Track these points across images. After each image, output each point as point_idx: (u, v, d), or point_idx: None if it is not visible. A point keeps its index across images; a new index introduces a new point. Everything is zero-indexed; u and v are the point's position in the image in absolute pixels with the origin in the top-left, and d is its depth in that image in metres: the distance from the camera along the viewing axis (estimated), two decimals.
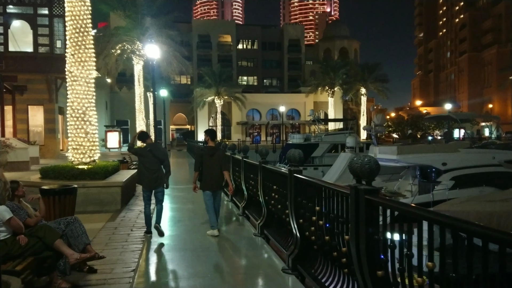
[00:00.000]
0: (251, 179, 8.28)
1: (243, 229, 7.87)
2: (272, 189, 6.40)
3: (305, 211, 4.77)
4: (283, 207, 5.85)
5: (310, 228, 4.61)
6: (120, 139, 46.33)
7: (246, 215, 8.72)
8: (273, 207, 6.52)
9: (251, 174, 8.28)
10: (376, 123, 20.03)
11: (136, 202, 10.83)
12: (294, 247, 5.10)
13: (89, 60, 10.96)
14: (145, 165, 7.31)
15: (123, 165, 15.36)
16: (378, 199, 3.11)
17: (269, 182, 6.72)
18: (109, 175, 10.56)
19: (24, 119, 30.35)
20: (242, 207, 8.97)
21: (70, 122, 10.96)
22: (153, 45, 20.20)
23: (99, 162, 11.41)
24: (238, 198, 10.10)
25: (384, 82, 54.68)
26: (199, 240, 6.89)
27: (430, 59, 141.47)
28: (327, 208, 4.13)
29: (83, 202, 9.57)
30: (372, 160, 3.25)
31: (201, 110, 58.20)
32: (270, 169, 6.65)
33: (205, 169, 7.39)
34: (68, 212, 6.41)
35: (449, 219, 2.40)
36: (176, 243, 6.87)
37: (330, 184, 4.12)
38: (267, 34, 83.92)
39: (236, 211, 9.37)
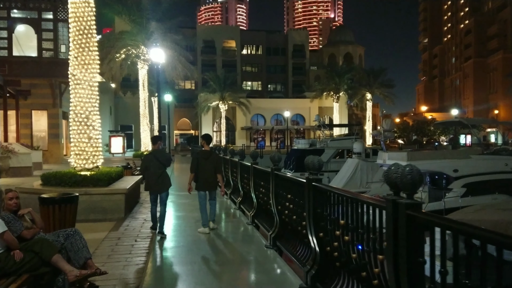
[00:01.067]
0: (262, 186, 7.87)
1: (253, 240, 7.45)
2: (286, 198, 5.99)
3: (326, 224, 4.35)
4: (299, 218, 5.46)
5: (333, 243, 4.18)
6: (124, 144, 46.06)
7: (256, 224, 8.30)
8: (287, 218, 6.11)
9: (262, 181, 7.87)
10: (385, 128, 19.59)
11: (140, 210, 10.44)
12: (313, 263, 4.66)
13: (93, 63, 10.62)
14: (150, 170, 7.81)
15: (127, 171, 14.98)
16: (423, 216, 2.67)
17: (282, 191, 6.30)
18: (112, 181, 10.18)
19: (27, 124, 30.10)
20: (252, 216, 8.55)
21: (73, 127, 10.60)
22: (158, 49, 19.89)
23: (103, 168, 11.03)
24: (246, 206, 9.69)
25: (390, 87, 54.25)
26: (209, 253, 6.48)
27: (435, 65, 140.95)
28: (354, 222, 3.70)
29: (85, 210, 9.19)
30: (415, 170, 2.83)
31: (206, 115, 57.93)
32: (285, 177, 6.24)
33: (200, 171, 7.88)
34: (68, 222, 6.02)
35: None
36: (182, 256, 6.44)
37: (359, 196, 3.70)
38: (271, 39, 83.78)
39: (245, 220, 8.95)
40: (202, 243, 7.07)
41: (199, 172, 7.88)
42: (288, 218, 6.02)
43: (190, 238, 7.48)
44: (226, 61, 76.75)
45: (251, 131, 63.02)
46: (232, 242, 7.23)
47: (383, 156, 19.67)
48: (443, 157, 18.75)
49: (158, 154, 7.94)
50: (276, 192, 6.63)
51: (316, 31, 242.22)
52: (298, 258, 5.43)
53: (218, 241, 7.30)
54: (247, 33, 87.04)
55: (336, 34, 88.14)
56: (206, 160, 7.89)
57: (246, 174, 9.60)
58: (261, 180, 7.94)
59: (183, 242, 7.22)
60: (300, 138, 58.05)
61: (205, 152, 8.04)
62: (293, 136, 61.76)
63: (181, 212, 10.37)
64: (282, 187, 6.32)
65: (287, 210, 6.06)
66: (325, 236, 4.45)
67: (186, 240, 7.43)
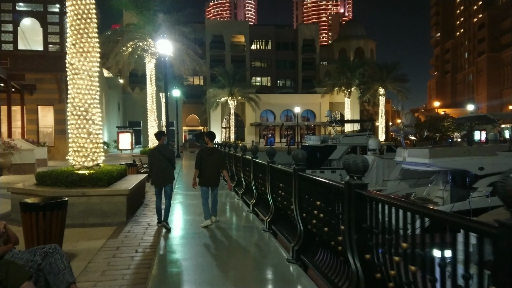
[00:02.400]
0: (281, 189, 6.85)
1: (272, 253, 6.45)
2: (315, 205, 4.98)
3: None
4: None
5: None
6: (132, 140, 45.42)
7: (273, 231, 7.31)
8: (314, 228, 5.10)
9: (281, 183, 6.86)
10: (406, 123, 18.46)
11: (144, 213, 9.50)
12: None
13: (93, 50, 9.68)
14: (155, 164, 8.01)
15: (132, 169, 14.06)
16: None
17: (307, 195, 5.30)
18: (113, 181, 9.25)
19: (34, 120, 29.45)
20: (268, 221, 7.55)
21: (71, 121, 9.69)
22: (165, 41, 18.95)
23: (104, 166, 10.12)
24: (261, 209, 8.69)
25: (404, 82, 52.77)
26: (221, 270, 5.49)
27: (447, 60, 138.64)
28: None
29: (83, 213, 8.28)
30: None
31: (214, 111, 57.00)
32: (311, 178, 5.23)
33: (204, 167, 8.09)
34: (55, 233, 5.08)
35: None
36: (192, 275, 5.39)
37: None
38: (281, 34, 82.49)
39: (260, 226, 7.95)
40: (211, 255, 6.09)
41: (202, 168, 8.10)
42: (316, 228, 5.01)
43: (200, 249, 6.49)
44: (235, 56, 75.70)
45: (260, 127, 61.95)
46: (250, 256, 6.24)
47: (403, 153, 18.58)
48: (468, 154, 17.62)
49: (162, 149, 8.11)
50: (299, 196, 5.61)
51: (325, 27, 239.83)
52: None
53: (231, 259, 6.32)
54: (256, 27, 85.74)
55: (347, 29, 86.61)
56: (209, 157, 8.10)
57: (261, 174, 8.60)
58: (280, 181, 6.92)
59: (191, 254, 6.24)
60: (310, 134, 56.97)
61: (209, 149, 8.28)
62: (303, 133, 60.61)
63: (189, 215, 9.41)
64: (308, 191, 5.31)
65: (315, 220, 5.05)
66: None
67: (195, 250, 6.44)
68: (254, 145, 8.97)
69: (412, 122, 19.27)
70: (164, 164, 7.93)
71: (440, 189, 19.22)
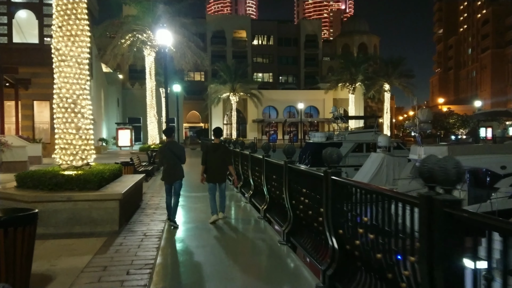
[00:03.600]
0: (303, 195, 5.67)
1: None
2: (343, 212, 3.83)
3: None
4: None
5: None
6: (131, 137, 44.39)
7: (292, 244, 6.14)
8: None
9: (303, 188, 5.68)
10: (421, 119, 17.24)
11: (141, 219, 8.33)
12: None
13: (82, 34, 8.50)
14: (165, 161, 7.98)
15: (128, 168, 12.88)
16: None
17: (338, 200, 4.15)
18: (105, 183, 8.07)
19: (29, 116, 28.33)
20: (285, 232, 6.38)
21: (57, 115, 8.52)
22: (165, 31, 17.75)
23: (95, 165, 8.96)
24: (276, 216, 7.54)
25: (410, 77, 51.54)
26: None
27: (450, 56, 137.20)
28: None
29: (68, 221, 7.12)
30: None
31: (216, 107, 55.81)
32: (343, 182, 4.08)
33: (210, 163, 8.14)
34: (20, 259, 3.91)
35: None
36: None
37: None
38: (283, 29, 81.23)
39: (277, 238, 6.79)
40: (226, 276, 4.93)
41: (208, 164, 8.12)
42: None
43: (209, 270, 5.32)
44: (236, 52, 74.49)
45: (263, 124, 60.75)
46: None
47: (418, 150, 17.37)
48: (490, 152, 16.42)
49: (172, 145, 8.05)
50: (333, 202, 4.46)
51: (327, 23, 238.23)
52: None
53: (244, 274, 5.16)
54: (258, 23, 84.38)
55: (350, 24, 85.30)
56: (214, 153, 8.10)
57: (276, 176, 7.45)
58: (300, 185, 5.77)
59: (195, 277, 5.07)
60: (314, 131, 55.78)
61: (214, 145, 8.26)
62: (306, 129, 59.43)
63: (192, 223, 8.25)
64: (338, 196, 4.17)
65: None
66: None
67: (199, 275, 5.27)
68: (266, 143, 8.21)
69: (428, 117, 18.05)
70: (173, 161, 7.90)
71: (457, 189, 18.04)
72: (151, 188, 13.07)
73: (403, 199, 3.06)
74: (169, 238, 6.77)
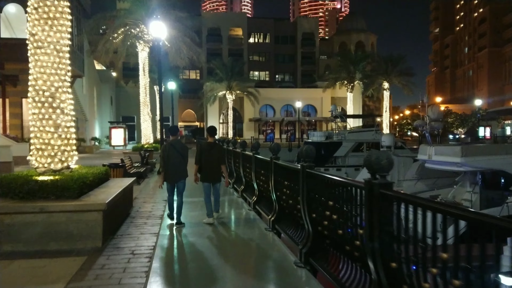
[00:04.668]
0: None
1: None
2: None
3: None
4: None
5: None
6: (125, 136, 43.24)
7: (311, 265, 5.05)
8: None
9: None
10: (432, 117, 16.18)
11: (129, 231, 7.18)
12: None
13: (61, 17, 7.35)
14: (170, 160, 7.80)
15: (118, 170, 11.69)
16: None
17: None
18: (87, 190, 6.93)
19: (17, 114, 27.07)
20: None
21: (33, 110, 7.38)
22: (159, 22, 16.59)
23: (78, 168, 7.82)
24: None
25: (410, 75, 50.54)
26: None
27: (446, 55, 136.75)
28: None
29: (42, 236, 5.98)
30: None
31: (211, 106, 54.59)
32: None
33: (204, 163, 8.01)
34: None
35: None
36: None
37: None
38: (279, 27, 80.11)
39: (293, 259, 5.69)
40: None
41: (203, 163, 8.00)
42: None
43: None
44: (232, 49, 73.27)
45: (259, 123, 59.58)
46: None
47: (428, 150, 16.33)
48: (505, 153, 15.42)
49: (176, 144, 7.96)
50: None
51: (322, 22, 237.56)
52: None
53: None
54: (254, 20, 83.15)
55: (347, 22, 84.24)
56: (209, 152, 8.01)
57: (293, 181, 6.40)
58: (317, 192, 4.77)
59: None
60: (311, 130, 54.77)
61: (209, 144, 8.16)
62: (304, 128, 58.38)
63: (189, 236, 7.12)
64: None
65: None
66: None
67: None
68: (276, 144, 7.58)
69: (439, 116, 16.98)
70: (178, 159, 7.81)
71: (468, 191, 17.05)
72: (143, 192, 11.93)
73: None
74: (162, 258, 5.64)
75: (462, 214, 2.49)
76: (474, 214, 2.50)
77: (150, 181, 14.77)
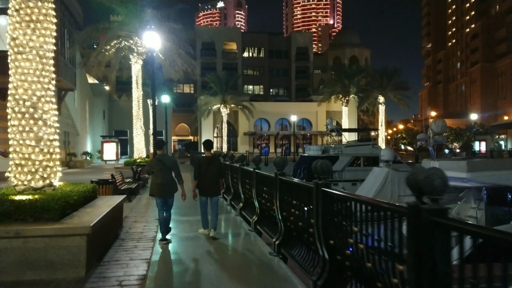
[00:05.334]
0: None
1: None
2: None
3: None
4: None
5: None
6: (117, 150, 42.45)
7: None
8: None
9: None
10: (435, 131, 15.64)
11: (117, 256, 6.43)
12: None
13: (45, 20, 6.71)
14: (157, 175, 7.57)
15: (107, 187, 10.91)
16: None
17: None
18: (71, 210, 6.20)
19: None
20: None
21: (13, 122, 6.69)
22: (153, 32, 16.02)
23: (63, 186, 7.10)
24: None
25: (405, 89, 50.41)
26: None
27: (439, 70, 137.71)
28: None
29: (17, 265, 5.23)
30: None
31: (206, 120, 53.99)
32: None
33: (203, 177, 7.85)
34: None
35: None
36: None
37: None
38: (274, 41, 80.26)
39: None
40: None
41: (202, 178, 7.86)
42: None
43: None
44: (226, 64, 73.05)
45: (254, 137, 58.99)
46: None
47: (432, 165, 15.76)
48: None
49: (163, 158, 7.78)
50: None
51: (315, 37, 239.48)
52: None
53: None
54: (248, 35, 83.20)
55: (341, 36, 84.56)
56: (209, 166, 7.88)
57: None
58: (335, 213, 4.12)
59: None
60: (307, 144, 54.27)
61: (208, 158, 8.05)
62: (299, 142, 57.86)
63: (185, 262, 6.39)
64: None
65: None
66: None
67: None
68: (280, 160, 7.06)
69: (443, 129, 16.47)
70: (167, 174, 7.62)
71: (472, 208, 16.43)
72: (134, 210, 11.17)
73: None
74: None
75: None
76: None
77: (142, 197, 14.01)
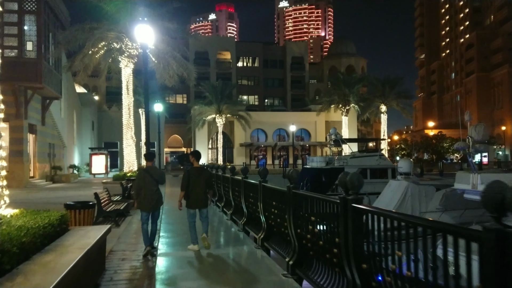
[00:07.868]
0: None
1: None
2: None
3: None
4: None
5: None
6: (107, 163, 40.05)
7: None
8: None
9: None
10: (476, 138, 13.47)
11: None
12: None
13: None
14: (145, 187, 7.57)
15: (86, 212, 8.35)
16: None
17: None
18: (24, 257, 3.81)
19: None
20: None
21: None
22: (145, 25, 13.78)
23: (15, 216, 4.70)
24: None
25: (408, 98, 48.64)
26: None
27: (433, 81, 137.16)
28: None
29: None
30: None
31: (200, 130, 51.63)
32: None
33: (192, 189, 7.67)
34: None
35: None
36: None
37: None
38: (268, 51, 78.67)
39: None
40: None
41: (191, 190, 7.67)
42: None
43: None
44: (220, 73, 70.99)
45: (251, 148, 56.67)
46: None
47: (472, 179, 13.54)
48: None
49: (152, 171, 7.75)
50: None
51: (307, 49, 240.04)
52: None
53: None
54: (242, 44, 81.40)
55: (337, 46, 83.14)
56: (197, 178, 7.70)
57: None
58: None
59: None
60: (306, 155, 52.19)
61: (197, 169, 7.87)
62: (297, 153, 55.65)
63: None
64: None
65: None
66: None
67: None
68: (292, 170, 5.23)
69: (485, 137, 14.27)
70: (154, 187, 7.59)
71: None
72: (123, 240, 8.74)
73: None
74: None
75: None
76: None
77: (133, 220, 11.57)
